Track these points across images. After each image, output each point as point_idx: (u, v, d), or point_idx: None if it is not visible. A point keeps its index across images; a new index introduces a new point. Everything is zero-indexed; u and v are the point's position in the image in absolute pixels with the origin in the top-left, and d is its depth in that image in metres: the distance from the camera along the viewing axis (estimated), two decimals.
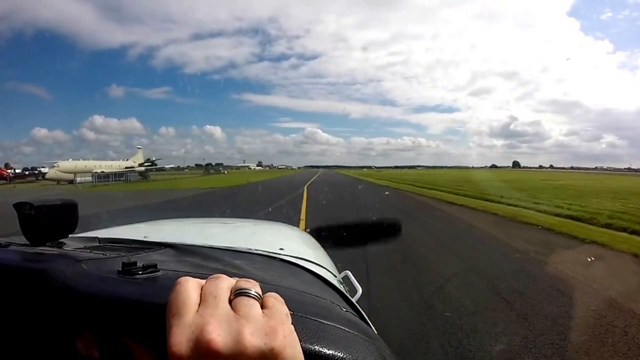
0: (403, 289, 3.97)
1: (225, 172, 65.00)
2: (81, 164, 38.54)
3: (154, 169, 46.85)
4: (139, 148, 50.15)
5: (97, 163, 41.13)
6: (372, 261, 4.57)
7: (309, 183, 26.05)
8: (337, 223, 1.92)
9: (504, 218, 9.25)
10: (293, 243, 1.25)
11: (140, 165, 47.10)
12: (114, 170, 40.13)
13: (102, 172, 37.58)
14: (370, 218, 8.13)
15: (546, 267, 4.77)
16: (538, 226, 7.94)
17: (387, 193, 18.23)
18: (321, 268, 0.85)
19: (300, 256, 0.85)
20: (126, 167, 43.64)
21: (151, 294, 0.42)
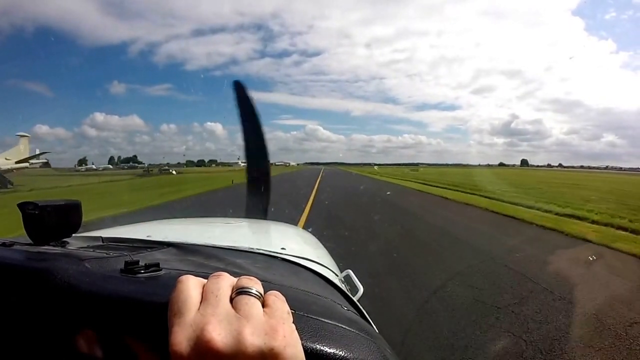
0: None
1: (174, 172, 47.84)
2: None
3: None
4: (22, 136, 33.41)
5: None
6: None
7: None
8: None
9: None
10: (295, 242, 1.26)
11: (20, 161, 30.57)
12: None
13: None
14: None
15: None
16: None
17: None
18: (323, 267, 0.85)
19: (302, 255, 0.84)
20: None
21: (153, 292, 0.41)
